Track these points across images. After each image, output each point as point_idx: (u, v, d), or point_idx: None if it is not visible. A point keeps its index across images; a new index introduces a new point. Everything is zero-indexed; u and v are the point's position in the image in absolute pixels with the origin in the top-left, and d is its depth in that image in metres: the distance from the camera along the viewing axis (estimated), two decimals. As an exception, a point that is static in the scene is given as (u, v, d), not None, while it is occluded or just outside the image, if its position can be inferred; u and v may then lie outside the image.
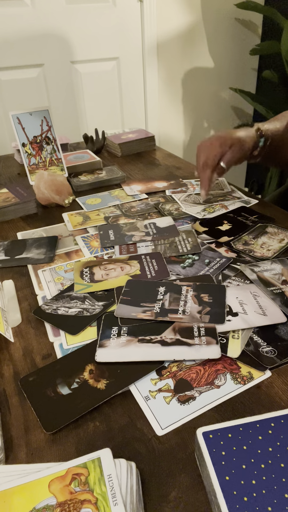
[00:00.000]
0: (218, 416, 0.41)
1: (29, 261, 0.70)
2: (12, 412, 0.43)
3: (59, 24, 1.76)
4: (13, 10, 1.66)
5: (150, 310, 0.54)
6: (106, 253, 0.72)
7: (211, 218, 0.81)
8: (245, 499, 0.30)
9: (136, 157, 1.25)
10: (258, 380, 0.45)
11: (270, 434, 0.34)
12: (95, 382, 0.45)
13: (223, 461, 0.33)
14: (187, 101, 2.23)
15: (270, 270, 0.62)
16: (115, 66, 1.98)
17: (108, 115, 2.07)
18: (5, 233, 0.82)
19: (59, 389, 0.44)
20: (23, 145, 0.97)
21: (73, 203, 0.94)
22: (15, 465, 0.34)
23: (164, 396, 0.44)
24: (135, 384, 0.45)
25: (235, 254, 0.69)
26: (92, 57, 1.90)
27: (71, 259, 0.70)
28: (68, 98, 1.93)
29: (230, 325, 0.51)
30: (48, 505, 0.30)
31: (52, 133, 0.98)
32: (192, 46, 2.09)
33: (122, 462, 0.33)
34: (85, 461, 0.33)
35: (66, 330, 0.53)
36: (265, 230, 0.75)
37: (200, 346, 0.48)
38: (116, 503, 0.30)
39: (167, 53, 2.04)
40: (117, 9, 1.85)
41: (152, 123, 2.17)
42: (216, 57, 2.18)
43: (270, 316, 0.53)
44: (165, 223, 0.80)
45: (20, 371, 0.48)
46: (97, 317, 0.55)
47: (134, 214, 0.86)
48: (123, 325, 0.52)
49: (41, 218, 0.88)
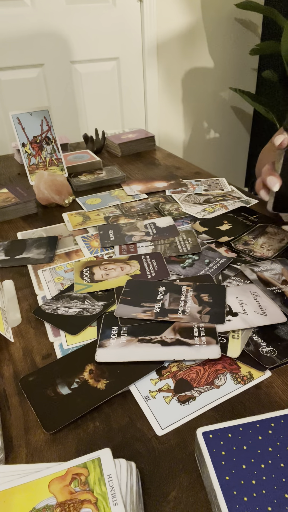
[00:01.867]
0: (218, 416, 0.41)
1: (29, 261, 0.70)
2: (12, 412, 0.43)
3: (59, 24, 1.76)
4: (13, 10, 1.66)
5: (150, 310, 0.54)
6: (106, 253, 0.72)
7: (211, 218, 0.81)
8: (245, 499, 0.30)
9: (136, 157, 1.25)
10: (258, 380, 0.45)
11: (270, 434, 0.34)
12: (95, 382, 0.45)
13: (223, 461, 0.33)
14: (187, 101, 2.23)
15: (270, 270, 0.62)
16: (115, 66, 1.98)
17: (108, 115, 2.07)
18: (5, 233, 0.82)
19: (59, 389, 0.44)
20: (23, 145, 0.97)
21: (73, 203, 0.94)
22: (15, 465, 0.34)
23: (164, 396, 0.44)
24: (135, 384, 0.45)
25: (235, 254, 0.69)
26: (92, 57, 1.90)
27: (71, 259, 0.70)
28: (68, 98, 1.93)
29: (230, 325, 0.51)
30: (48, 505, 0.30)
31: (52, 133, 0.98)
32: (192, 46, 2.09)
33: (122, 462, 0.33)
34: (85, 461, 0.33)
35: (66, 330, 0.53)
36: (265, 230, 0.75)
37: (200, 346, 0.48)
38: (116, 503, 0.30)
39: (167, 53, 2.05)
40: (117, 9, 1.85)
41: (152, 123, 2.17)
42: (216, 57, 2.18)
43: (270, 316, 0.53)
44: (165, 223, 0.80)
45: (20, 371, 0.48)
46: (97, 317, 0.55)
47: (134, 214, 0.86)
48: (123, 325, 0.52)
49: (41, 218, 0.88)
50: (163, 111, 2.19)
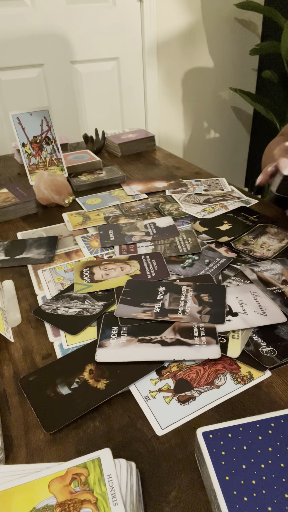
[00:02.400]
0: (218, 416, 0.41)
1: (29, 261, 0.70)
2: (12, 412, 0.43)
3: (59, 24, 1.76)
4: (13, 10, 1.66)
5: (150, 310, 0.54)
6: (106, 253, 0.72)
7: (211, 218, 0.81)
8: (245, 499, 0.30)
9: (136, 157, 1.25)
10: (258, 380, 0.45)
11: (270, 434, 0.34)
12: (95, 382, 0.45)
13: (223, 461, 0.33)
14: (187, 101, 2.23)
15: (270, 270, 0.62)
16: (115, 66, 1.98)
17: (108, 115, 2.07)
18: (5, 233, 0.82)
19: (59, 389, 0.44)
20: (23, 145, 0.97)
21: (73, 203, 0.94)
22: (15, 465, 0.34)
23: (164, 396, 0.44)
24: (135, 384, 0.45)
25: (235, 254, 0.69)
26: (92, 57, 1.90)
27: (71, 259, 0.70)
28: (68, 98, 1.93)
29: (230, 325, 0.51)
30: (48, 505, 0.30)
31: (52, 133, 0.98)
32: (192, 46, 2.09)
33: (122, 462, 0.33)
34: (85, 461, 0.33)
35: (66, 330, 0.53)
36: (265, 230, 0.75)
37: (200, 346, 0.48)
38: (116, 503, 0.30)
39: (167, 53, 2.04)
40: (117, 9, 1.85)
41: (152, 123, 2.17)
42: (216, 57, 2.18)
43: (270, 316, 0.53)
44: (165, 223, 0.80)
45: (20, 371, 0.48)
46: (97, 317, 0.55)
47: (134, 214, 0.86)
48: (123, 325, 0.52)
49: (41, 218, 0.88)
50: (163, 111, 2.19)
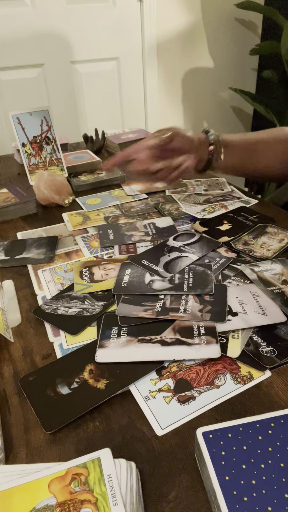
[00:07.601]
0: (218, 416, 0.41)
1: (29, 261, 0.70)
2: (12, 412, 0.43)
3: (59, 24, 1.76)
4: (13, 10, 1.66)
5: (151, 309, 0.54)
6: (105, 253, 0.71)
7: (211, 218, 0.81)
8: (245, 499, 0.30)
9: (136, 157, 1.25)
10: (258, 380, 0.45)
11: (270, 434, 0.34)
12: (95, 382, 0.45)
13: (223, 461, 0.33)
14: (187, 101, 2.23)
15: (270, 270, 0.62)
16: (115, 66, 1.98)
17: (108, 115, 2.07)
18: (5, 233, 0.82)
19: (59, 389, 0.44)
20: (23, 145, 0.97)
21: (73, 203, 0.94)
22: (15, 465, 0.34)
23: (164, 396, 0.44)
24: (135, 384, 0.45)
25: (235, 254, 0.69)
26: (92, 57, 1.90)
27: (71, 259, 0.70)
28: (68, 98, 1.93)
29: (230, 325, 0.51)
30: (48, 505, 0.30)
31: (52, 133, 0.98)
32: (192, 46, 2.09)
33: (122, 462, 0.33)
34: (85, 461, 0.33)
35: (66, 330, 0.53)
36: (265, 230, 0.75)
37: (200, 345, 0.48)
38: (116, 503, 0.30)
39: (167, 53, 2.05)
40: (117, 9, 1.85)
41: (152, 123, 2.17)
42: (216, 57, 2.19)
43: (270, 316, 0.53)
44: (164, 223, 0.80)
45: (20, 371, 0.48)
46: (97, 317, 0.55)
47: (134, 214, 0.86)
48: (123, 325, 0.52)
49: (41, 218, 0.88)
50: (163, 111, 2.19)
